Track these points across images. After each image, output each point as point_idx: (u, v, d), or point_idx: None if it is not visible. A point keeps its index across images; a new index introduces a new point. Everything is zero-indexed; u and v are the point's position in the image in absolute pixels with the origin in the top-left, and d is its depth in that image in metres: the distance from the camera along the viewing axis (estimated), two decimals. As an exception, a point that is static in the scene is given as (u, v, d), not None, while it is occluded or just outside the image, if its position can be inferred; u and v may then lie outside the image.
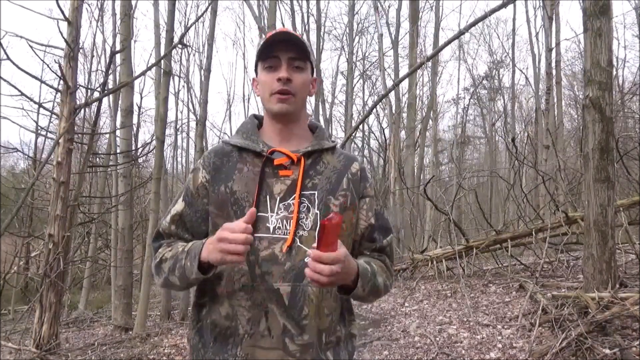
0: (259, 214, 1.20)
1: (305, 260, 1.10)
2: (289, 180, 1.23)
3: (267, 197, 1.22)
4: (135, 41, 14.16)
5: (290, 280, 1.18)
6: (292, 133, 1.31)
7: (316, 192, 1.23)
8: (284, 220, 1.20)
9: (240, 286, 1.19)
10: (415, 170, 14.51)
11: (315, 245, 1.04)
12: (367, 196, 1.32)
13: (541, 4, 12.47)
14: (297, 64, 1.26)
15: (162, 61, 7.25)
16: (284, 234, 1.19)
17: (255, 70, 1.32)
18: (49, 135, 9.90)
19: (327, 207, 1.23)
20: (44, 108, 7.41)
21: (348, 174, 1.29)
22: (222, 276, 1.21)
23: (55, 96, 11.13)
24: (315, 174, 1.26)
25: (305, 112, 1.35)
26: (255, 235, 1.17)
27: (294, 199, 1.22)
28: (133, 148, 8.12)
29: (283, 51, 1.24)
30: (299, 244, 1.19)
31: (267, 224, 1.20)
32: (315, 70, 1.36)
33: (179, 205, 1.30)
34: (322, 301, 1.21)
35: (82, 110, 6.73)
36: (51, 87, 6.17)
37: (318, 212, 1.22)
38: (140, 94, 16.01)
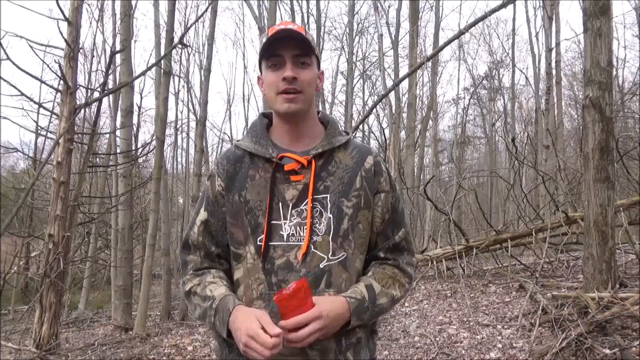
0: (273, 222, 1.20)
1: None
2: (300, 185, 1.22)
3: (280, 204, 1.21)
4: (135, 41, 14.17)
5: None
6: (303, 132, 1.28)
7: (328, 196, 1.22)
8: (298, 227, 1.20)
9: (258, 294, 1.20)
10: (415, 170, 14.50)
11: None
12: (382, 191, 1.28)
13: (541, 4, 12.48)
14: (302, 60, 1.22)
15: (162, 61, 7.25)
16: (298, 241, 1.19)
17: (260, 68, 1.29)
18: (49, 135, 9.93)
19: (340, 210, 1.21)
20: (44, 108, 7.41)
21: (361, 172, 1.26)
22: (240, 285, 1.22)
23: (55, 96, 11.18)
24: (327, 175, 1.24)
25: (314, 108, 1.31)
26: (270, 244, 1.19)
27: (306, 204, 1.20)
28: (133, 148, 8.12)
29: (286, 48, 1.20)
30: (313, 249, 1.19)
31: (281, 232, 1.20)
32: (320, 63, 1.33)
33: (203, 215, 1.29)
34: None
35: (82, 110, 6.73)
36: (51, 87, 6.17)
37: (331, 215, 1.21)
38: (140, 94, 16.01)
